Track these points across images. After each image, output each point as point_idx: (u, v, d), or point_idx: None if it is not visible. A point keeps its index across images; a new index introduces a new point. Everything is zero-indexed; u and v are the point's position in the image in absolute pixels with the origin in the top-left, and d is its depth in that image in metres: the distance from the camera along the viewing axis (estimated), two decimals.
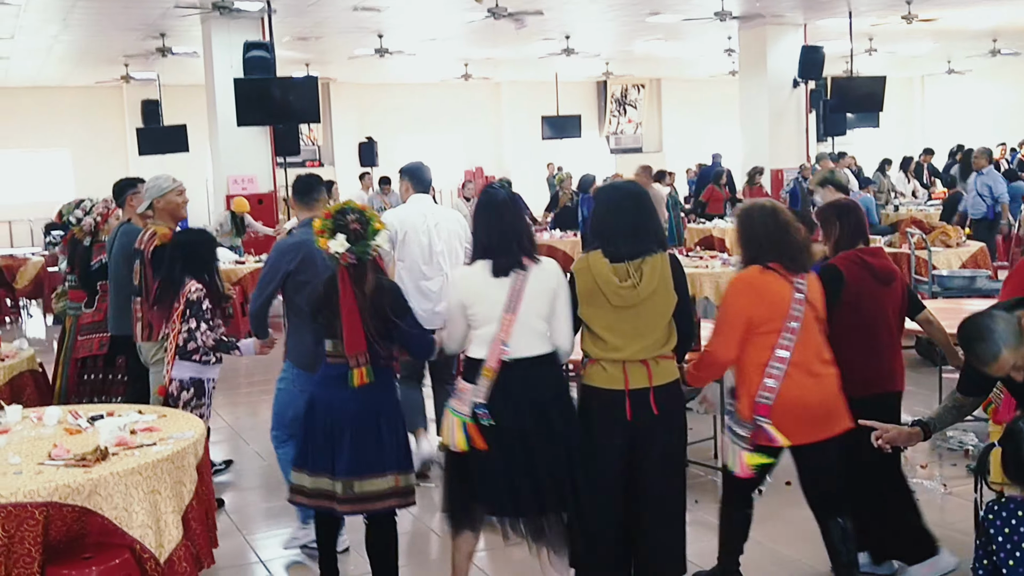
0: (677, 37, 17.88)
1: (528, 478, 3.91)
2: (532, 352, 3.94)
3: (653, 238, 3.97)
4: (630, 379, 3.90)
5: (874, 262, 4.40)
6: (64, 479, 3.50)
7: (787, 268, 4.05)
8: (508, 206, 4.05)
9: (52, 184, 21.24)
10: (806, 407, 4.01)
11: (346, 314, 4.04)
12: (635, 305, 3.89)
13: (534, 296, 3.93)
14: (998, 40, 19.85)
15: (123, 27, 13.97)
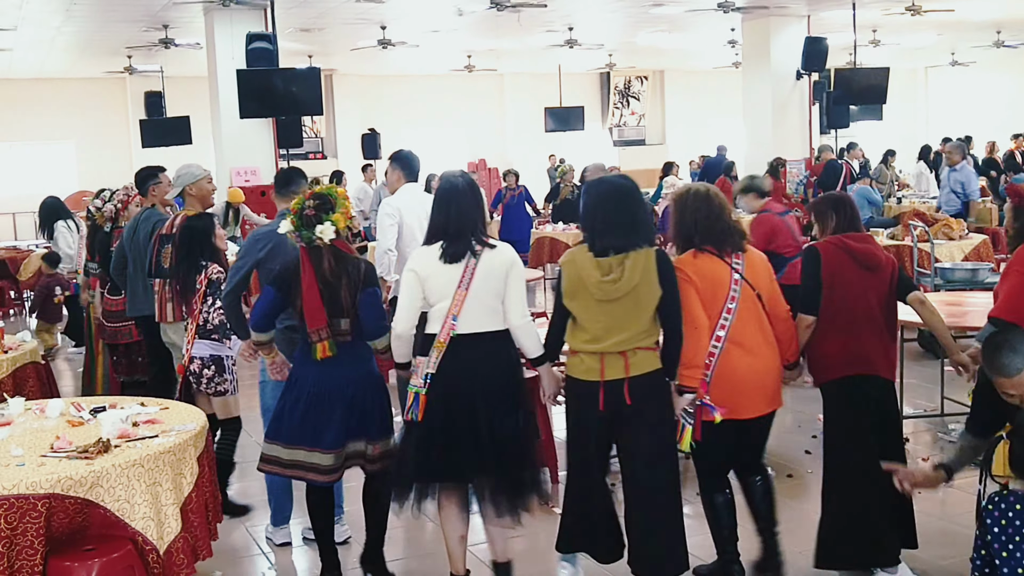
0: (680, 29, 17.84)
1: (472, 444, 4.08)
2: (483, 328, 4.12)
3: (639, 233, 4.07)
4: (606, 370, 4.03)
5: (856, 247, 4.39)
6: (66, 471, 3.52)
7: (720, 249, 4.22)
8: (465, 194, 4.22)
9: (55, 176, 21.22)
10: (742, 383, 4.17)
11: (305, 291, 4.26)
12: (617, 299, 4.00)
13: (485, 276, 4.11)
14: (1002, 32, 19.78)
15: (126, 18, 13.96)
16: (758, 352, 4.23)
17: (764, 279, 4.34)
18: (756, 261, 4.36)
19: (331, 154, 23.39)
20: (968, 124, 22.72)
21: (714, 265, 4.22)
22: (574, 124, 21.51)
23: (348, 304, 4.30)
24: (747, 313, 4.22)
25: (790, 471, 6.06)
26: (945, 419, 6.79)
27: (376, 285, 4.43)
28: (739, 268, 4.22)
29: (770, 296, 4.34)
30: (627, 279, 3.99)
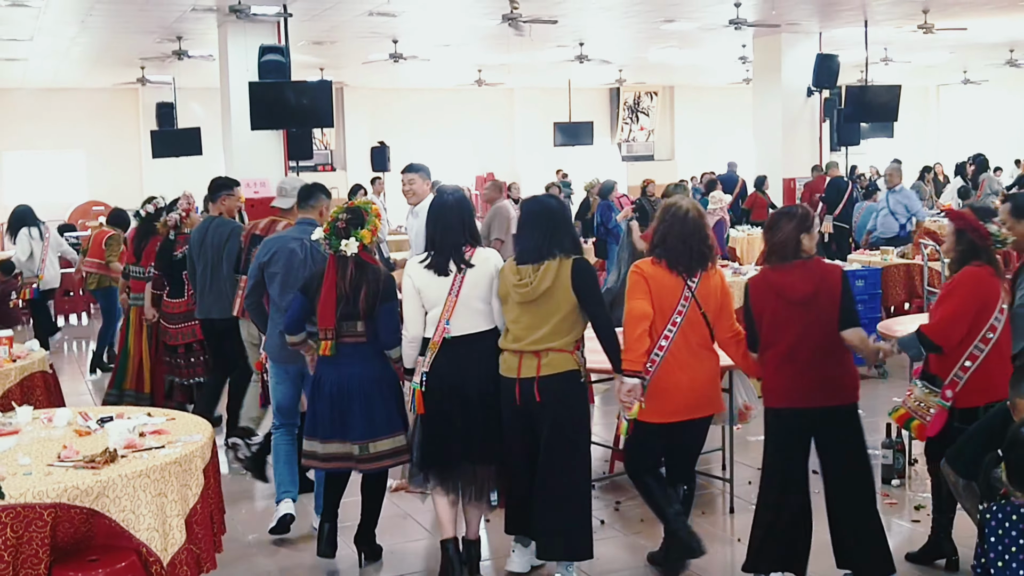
0: (691, 45, 17.85)
1: (464, 435, 4.59)
2: (473, 330, 4.62)
3: (557, 245, 4.52)
4: (522, 368, 4.50)
5: (776, 280, 4.44)
6: (73, 481, 3.52)
7: (675, 266, 4.56)
8: (453, 209, 4.70)
9: (65, 186, 21.29)
10: (669, 391, 4.54)
11: (324, 293, 4.78)
12: (532, 301, 4.47)
13: (473, 283, 4.61)
14: (1015, 51, 19.77)
15: (140, 30, 14.02)
16: (690, 367, 4.58)
17: (715, 300, 4.64)
18: (713, 283, 4.65)
19: (340, 166, 23.44)
20: (979, 142, 22.67)
21: (667, 277, 4.58)
22: (583, 139, 21.52)
23: (365, 310, 4.74)
24: (690, 330, 4.58)
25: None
26: None
27: (395, 299, 4.82)
28: (692, 287, 4.57)
29: (717, 317, 4.67)
30: (537, 285, 4.46)
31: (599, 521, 5.59)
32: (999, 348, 4.44)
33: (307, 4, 12.41)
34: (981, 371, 4.42)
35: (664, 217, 4.68)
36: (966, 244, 4.54)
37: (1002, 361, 4.43)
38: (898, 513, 5.57)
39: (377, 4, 12.58)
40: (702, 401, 4.66)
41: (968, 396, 4.44)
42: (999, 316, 4.43)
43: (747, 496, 5.90)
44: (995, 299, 4.45)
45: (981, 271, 4.49)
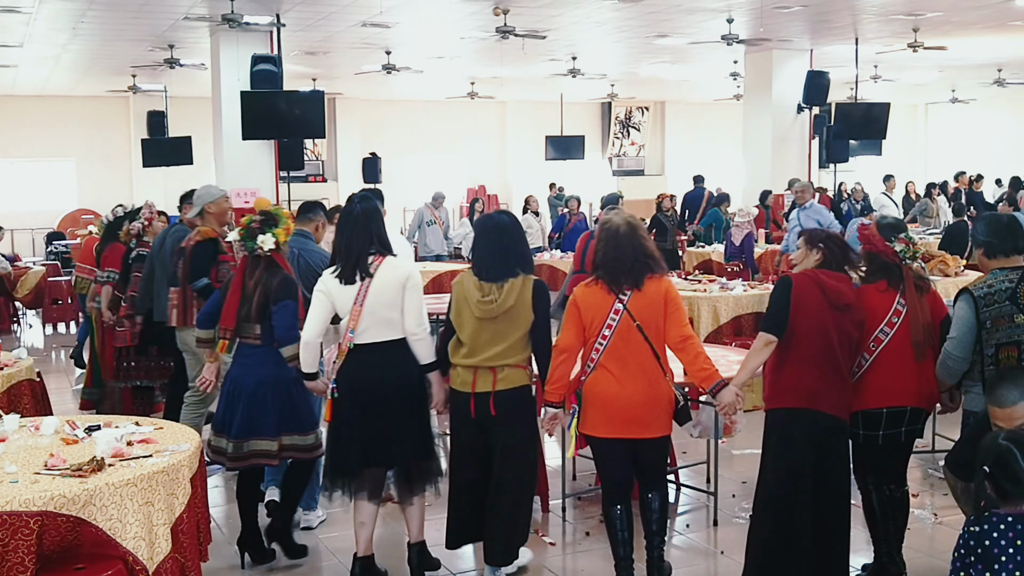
0: (683, 60, 17.94)
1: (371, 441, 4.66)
2: (379, 338, 4.67)
3: (516, 263, 4.64)
4: (477, 383, 4.61)
5: (829, 282, 4.47)
6: (60, 489, 3.52)
7: (612, 282, 4.50)
8: (358, 221, 4.75)
9: (55, 194, 21.25)
10: (604, 405, 4.49)
11: (229, 295, 5.01)
12: (493, 318, 4.56)
13: (379, 291, 4.64)
14: (1003, 70, 19.91)
15: (132, 38, 14.02)
16: (625, 381, 4.48)
17: (654, 312, 4.49)
18: (653, 294, 4.50)
19: (332, 177, 23.44)
20: (967, 161, 22.79)
21: (600, 296, 4.52)
22: (574, 153, 21.57)
23: (256, 313, 4.92)
24: (621, 343, 4.48)
25: None
26: (936, 455, 6.79)
27: (292, 298, 4.95)
28: (624, 300, 4.47)
29: (658, 329, 4.50)
30: (502, 301, 4.55)
31: (584, 533, 5.60)
32: (888, 358, 4.53)
33: (300, 14, 12.43)
34: (869, 378, 4.55)
35: (600, 236, 4.66)
36: (878, 264, 4.64)
37: (894, 370, 4.52)
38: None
39: (371, 15, 12.61)
40: (642, 420, 4.51)
41: (860, 399, 4.55)
42: (886, 329, 4.52)
43: (730, 509, 5.93)
44: (881, 313, 4.54)
45: (866, 290, 4.60)
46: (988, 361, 4.41)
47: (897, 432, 4.60)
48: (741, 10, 13.01)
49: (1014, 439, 3.30)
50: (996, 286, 4.41)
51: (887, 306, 4.56)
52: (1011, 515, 3.21)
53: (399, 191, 22.88)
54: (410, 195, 22.88)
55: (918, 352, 4.51)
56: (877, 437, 4.59)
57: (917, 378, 4.56)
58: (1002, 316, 4.37)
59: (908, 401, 4.57)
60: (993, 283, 4.43)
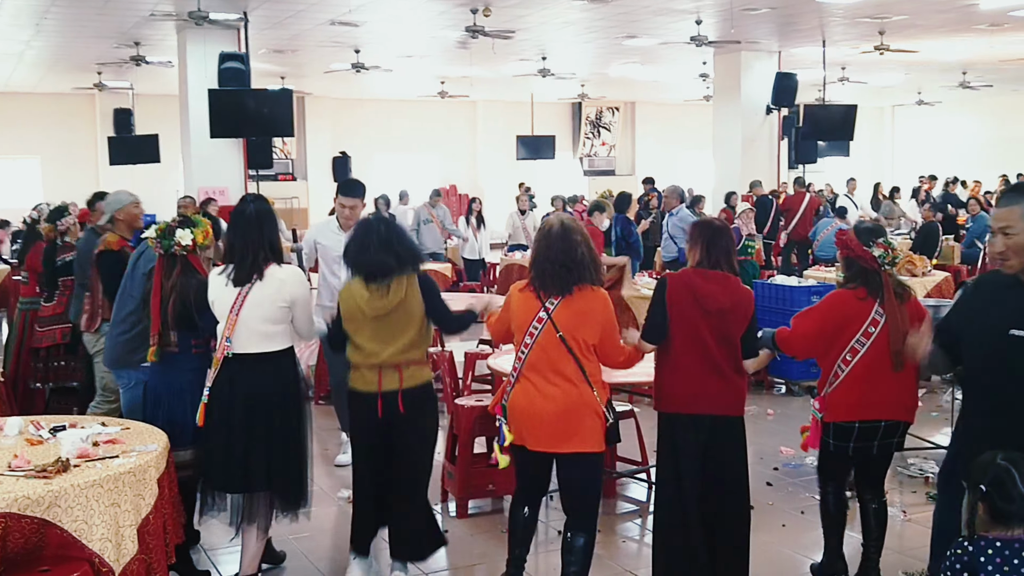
0: (653, 61, 18.01)
1: (242, 459, 4.52)
2: (254, 349, 4.55)
3: (401, 262, 4.62)
4: (383, 382, 4.58)
5: (702, 285, 4.42)
6: (23, 490, 3.46)
7: (540, 287, 4.32)
8: (251, 220, 4.63)
9: (20, 192, 20.98)
10: (525, 415, 4.32)
11: (152, 299, 4.79)
12: (386, 315, 4.57)
13: (258, 303, 4.53)
14: (968, 72, 20.13)
15: (97, 34, 13.88)
16: (546, 392, 4.26)
17: (581, 324, 4.27)
18: (584, 306, 4.29)
19: (301, 176, 23.35)
20: (932, 163, 23.03)
21: (530, 300, 4.34)
22: (545, 153, 21.61)
23: (172, 319, 4.72)
24: (543, 352, 4.27)
25: (751, 503, 6.06)
26: (904, 453, 6.83)
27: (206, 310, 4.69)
28: (550, 309, 4.26)
29: (584, 341, 4.27)
30: (392, 296, 4.56)
31: (557, 532, 5.57)
32: (864, 370, 4.43)
33: (268, 12, 12.36)
34: (843, 390, 4.46)
35: (536, 238, 4.50)
36: (856, 269, 4.57)
37: (870, 382, 4.43)
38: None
39: (339, 13, 12.56)
40: (560, 431, 4.25)
41: (833, 411, 4.50)
42: (862, 340, 4.42)
43: None
44: (858, 322, 4.44)
45: (845, 294, 4.54)
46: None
47: (869, 445, 4.51)
48: (710, 11, 13.07)
49: (1013, 460, 3.22)
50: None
51: (864, 315, 4.44)
52: (1000, 540, 3.15)
53: (369, 190, 22.77)
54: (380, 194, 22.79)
55: (896, 361, 4.37)
56: (847, 448, 4.52)
57: (895, 389, 4.45)
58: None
59: (883, 415, 4.47)
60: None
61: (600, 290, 4.38)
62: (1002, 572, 3.10)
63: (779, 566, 4.82)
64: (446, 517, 5.86)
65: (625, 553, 5.39)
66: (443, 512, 5.95)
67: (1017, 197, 3.52)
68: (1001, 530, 3.15)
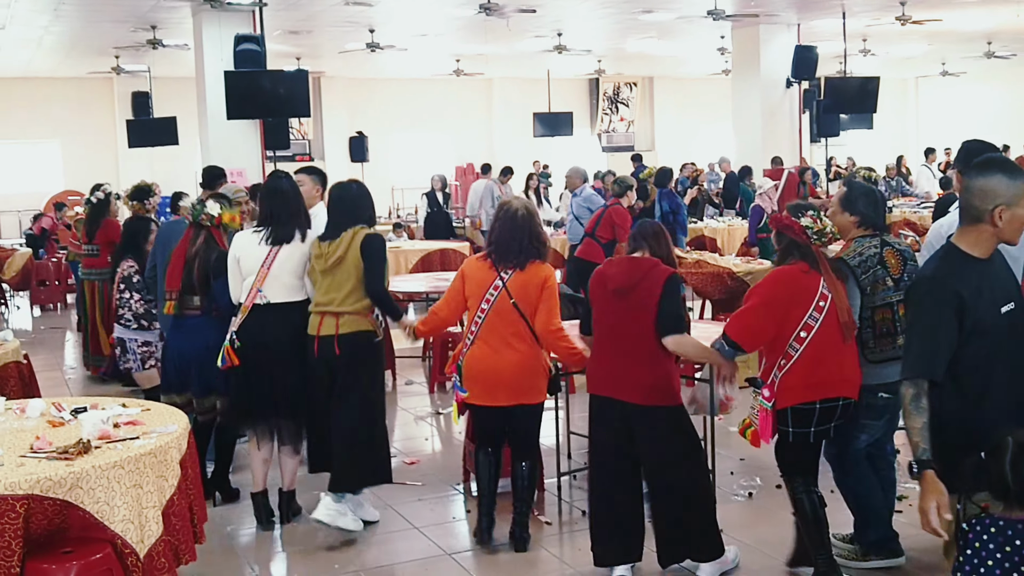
0: (670, 35, 17.85)
1: (267, 390, 5.20)
2: (282, 299, 5.23)
3: (354, 220, 5.15)
4: (322, 327, 5.12)
5: (609, 272, 4.60)
6: (46, 472, 3.46)
7: (496, 260, 4.88)
8: (288, 193, 5.37)
9: (41, 175, 21.11)
10: (481, 375, 4.87)
11: (174, 258, 5.60)
12: (329, 268, 5.09)
13: (286, 258, 5.23)
14: (993, 42, 19.87)
15: (114, 18, 13.88)
16: (502, 353, 4.84)
17: (531, 293, 4.83)
18: (533, 278, 4.85)
19: (318, 156, 23.33)
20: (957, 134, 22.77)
21: (485, 271, 4.91)
22: (563, 129, 21.49)
23: (197, 283, 5.51)
24: (498, 318, 4.85)
25: (778, 482, 6.02)
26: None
27: (226, 275, 5.39)
28: (504, 279, 4.84)
29: (533, 310, 4.84)
30: (331, 252, 5.08)
31: (581, 512, 5.55)
32: (820, 346, 4.29)
33: None
34: (799, 370, 4.29)
35: (498, 216, 5.00)
36: (787, 242, 4.48)
37: (826, 359, 4.30)
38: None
39: None
40: (516, 388, 4.87)
41: (790, 395, 4.32)
42: (815, 315, 4.27)
43: (728, 487, 5.90)
44: (808, 297, 4.30)
45: (790, 270, 4.37)
46: (866, 324, 4.42)
47: (827, 428, 4.39)
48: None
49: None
50: (865, 252, 4.46)
51: (813, 289, 4.30)
52: (1003, 519, 3.09)
53: (386, 170, 22.79)
54: (397, 173, 22.81)
55: (847, 333, 4.30)
56: (808, 435, 4.36)
57: (847, 364, 4.36)
58: (877, 280, 4.43)
59: (842, 391, 4.34)
60: (862, 251, 4.47)
61: (546, 264, 4.94)
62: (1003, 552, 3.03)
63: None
64: (469, 497, 5.86)
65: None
66: (466, 492, 5.95)
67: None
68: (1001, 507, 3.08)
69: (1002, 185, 3.22)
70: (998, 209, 3.21)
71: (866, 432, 4.57)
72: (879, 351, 4.43)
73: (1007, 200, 3.21)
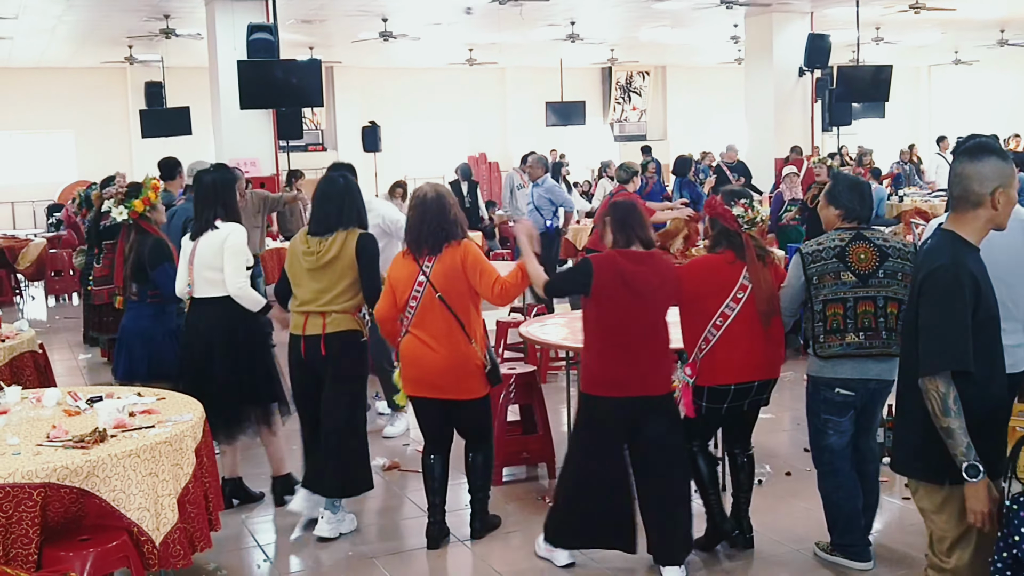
0: (683, 24, 17.80)
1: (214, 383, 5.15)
2: (207, 294, 5.28)
3: (344, 219, 5.03)
4: (308, 327, 5.02)
5: (629, 268, 4.44)
6: (62, 460, 3.50)
7: (416, 251, 4.80)
8: (207, 186, 5.38)
9: (55, 165, 21.18)
10: (413, 367, 4.82)
11: (117, 258, 5.98)
12: (319, 267, 4.98)
13: (203, 252, 5.27)
14: (1006, 30, 19.75)
15: (127, 8, 13.91)
16: (431, 346, 4.76)
17: (457, 280, 4.74)
18: (453, 260, 4.73)
19: (331, 146, 23.34)
20: (970, 122, 22.65)
21: (408, 266, 4.82)
22: (575, 119, 21.45)
23: (131, 274, 5.71)
24: (427, 312, 4.76)
25: (788, 469, 6.04)
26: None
27: (167, 260, 5.57)
28: (427, 271, 4.75)
29: (461, 297, 4.75)
30: (324, 252, 4.96)
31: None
32: (735, 333, 4.44)
33: None
34: (716, 354, 4.46)
35: (409, 205, 4.95)
36: (719, 229, 4.58)
37: (742, 345, 4.45)
38: (888, 491, 5.57)
39: None
40: (448, 385, 4.79)
41: (707, 376, 4.49)
42: (732, 305, 4.44)
43: None
44: (727, 288, 4.46)
45: (712, 259, 4.56)
46: (817, 317, 4.41)
47: (741, 404, 4.60)
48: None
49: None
50: (826, 244, 4.43)
51: (733, 280, 4.47)
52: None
53: (399, 159, 22.80)
54: (410, 163, 22.81)
55: (764, 319, 4.46)
56: (720, 410, 4.59)
57: (765, 348, 4.52)
58: (827, 272, 4.38)
59: (757, 375, 4.54)
60: (824, 241, 4.46)
61: (464, 241, 4.81)
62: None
63: (821, 532, 4.78)
64: None
65: None
66: None
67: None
68: None
69: (998, 168, 3.21)
70: (997, 192, 3.19)
71: (831, 429, 4.54)
72: (827, 346, 4.40)
73: (1003, 182, 3.20)
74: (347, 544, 5.10)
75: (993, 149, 3.25)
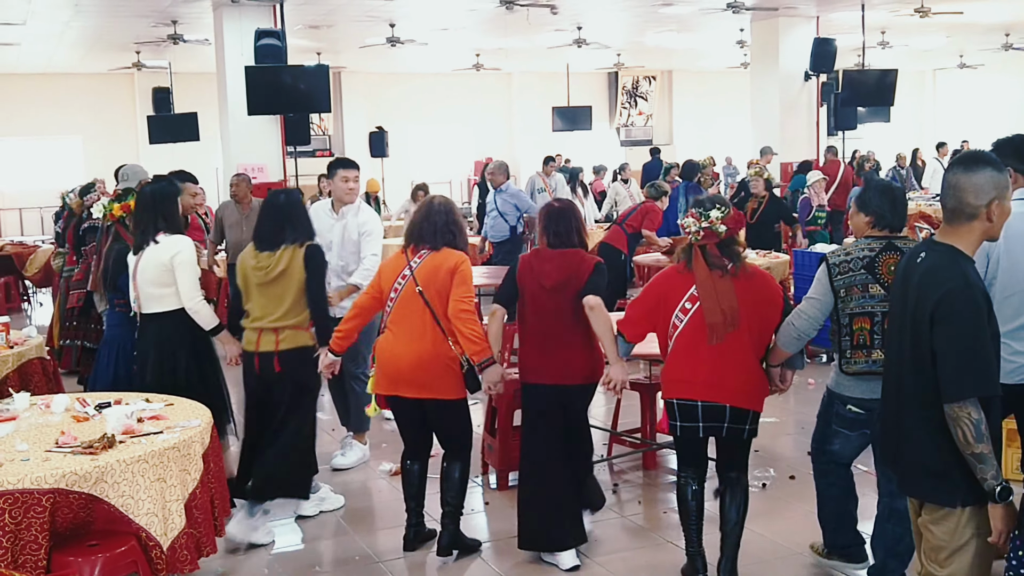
0: (689, 29, 17.81)
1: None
2: (152, 310, 5.19)
3: (292, 233, 5.10)
4: (261, 343, 5.07)
5: (538, 267, 4.77)
6: (71, 466, 3.53)
7: (406, 247, 4.86)
8: (147, 197, 5.26)
9: (63, 171, 21.23)
10: (388, 364, 4.79)
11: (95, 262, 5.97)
12: (268, 282, 5.04)
13: (144, 268, 5.16)
14: (1011, 34, 19.72)
15: (135, 14, 13.96)
16: (406, 342, 4.75)
17: (436, 279, 4.73)
18: (440, 263, 4.75)
19: (338, 151, 23.37)
20: (975, 127, 22.64)
21: (398, 260, 4.87)
22: (581, 124, 21.47)
23: (100, 280, 5.82)
24: (405, 307, 4.77)
25: (792, 472, 6.06)
26: None
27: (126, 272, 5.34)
28: (413, 266, 4.77)
29: (441, 296, 4.71)
30: (273, 266, 5.03)
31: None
32: (683, 346, 4.33)
33: None
34: (669, 365, 4.44)
35: (417, 208, 5.00)
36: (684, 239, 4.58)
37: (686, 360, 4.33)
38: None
39: None
40: (421, 381, 4.74)
41: (667, 387, 4.44)
42: (680, 315, 4.32)
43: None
44: (676, 297, 4.35)
45: (670, 269, 4.54)
46: (844, 331, 4.23)
47: (718, 428, 4.34)
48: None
49: None
50: (854, 254, 4.25)
51: (682, 290, 4.33)
52: None
53: (406, 164, 22.84)
54: (417, 168, 22.84)
55: (712, 334, 4.22)
56: (697, 430, 4.36)
57: (736, 371, 4.28)
58: (855, 285, 4.20)
59: (723, 397, 4.28)
60: (852, 251, 4.27)
61: (463, 254, 4.83)
62: None
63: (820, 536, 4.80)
64: (487, 489, 5.92)
65: (667, 524, 5.38)
66: (484, 484, 6.00)
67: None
68: None
69: (993, 179, 3.14)
70: (993, 204, 3.14)
71: (839, 439, 4.46)
72: (854, 362, 4.24)
73: (999, 194, 3.15)
74: (354, 548, 5.13)
75: (988, 160, 3.19)
